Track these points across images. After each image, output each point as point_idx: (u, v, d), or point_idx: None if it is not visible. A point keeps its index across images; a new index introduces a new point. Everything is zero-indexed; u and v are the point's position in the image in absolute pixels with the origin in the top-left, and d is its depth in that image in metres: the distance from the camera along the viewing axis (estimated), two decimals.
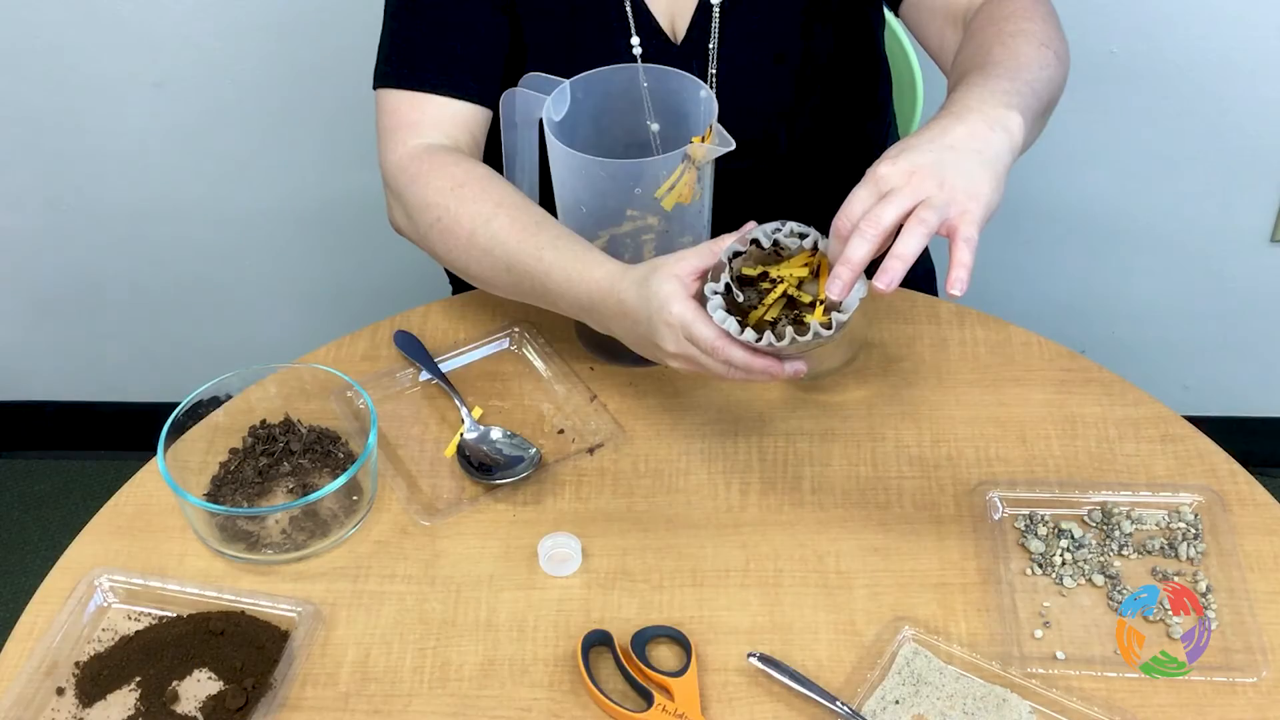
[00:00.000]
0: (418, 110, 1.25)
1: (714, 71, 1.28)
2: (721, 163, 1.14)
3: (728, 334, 1.00)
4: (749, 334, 0.99)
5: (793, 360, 1.03)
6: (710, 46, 1.28)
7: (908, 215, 0.96)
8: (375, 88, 1.27)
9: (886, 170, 0.98)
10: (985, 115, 1.02)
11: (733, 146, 1.09)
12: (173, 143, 1.94)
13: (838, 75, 1.34)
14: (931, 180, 0.97)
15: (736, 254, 1.04)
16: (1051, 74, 1.12)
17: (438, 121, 1.25)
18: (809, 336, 0.98)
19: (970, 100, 1.04)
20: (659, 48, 1.28)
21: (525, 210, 1.17)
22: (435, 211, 1.19)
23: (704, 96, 1.16)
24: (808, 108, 1.33)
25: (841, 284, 0.96)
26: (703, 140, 1.12)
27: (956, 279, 0.95)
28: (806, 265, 1.04)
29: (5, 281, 2.11)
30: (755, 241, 1.04)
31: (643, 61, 1.26)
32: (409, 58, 1.25)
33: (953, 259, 0.96)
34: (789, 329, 0.99)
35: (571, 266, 1.11)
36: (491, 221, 1.16)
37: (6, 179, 1.98)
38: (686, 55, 1.29)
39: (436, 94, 1.24)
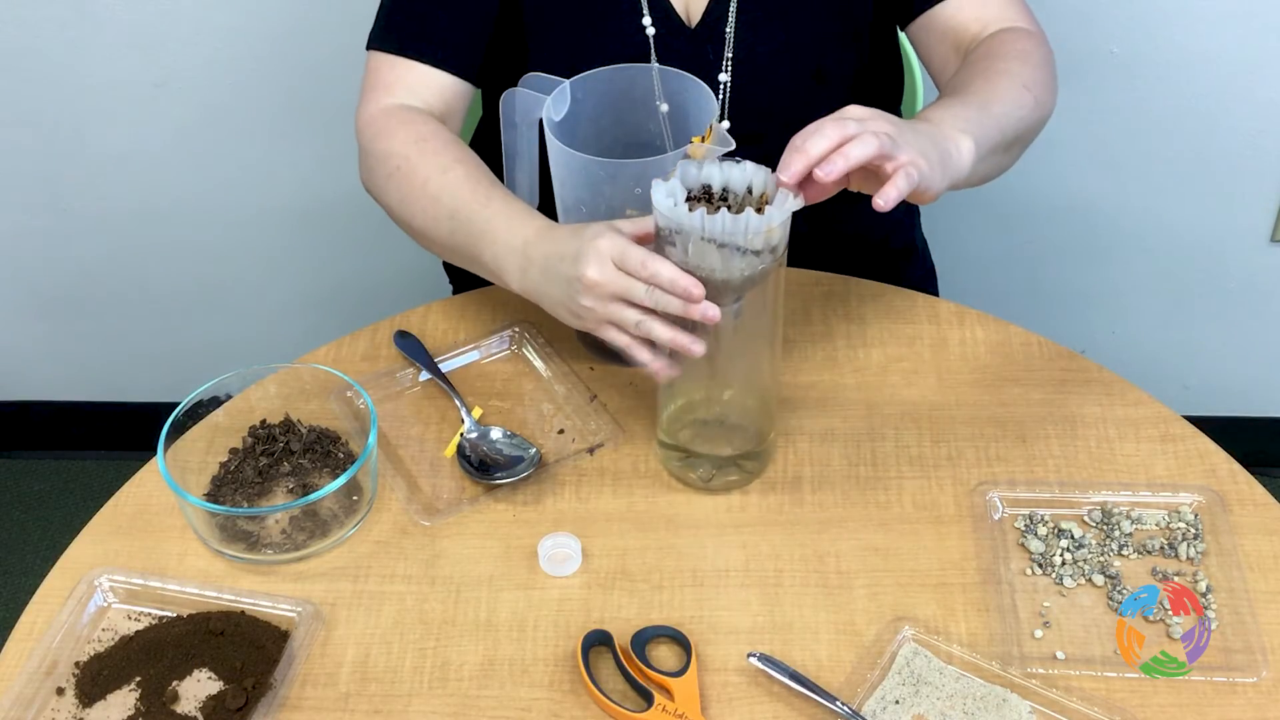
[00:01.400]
0: (395, 73, 1.28)
1: (729, 56, 1.28)
2: (735, 154, 1.13)
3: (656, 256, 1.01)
4: (695, 214, 0.98)
5: (712, 303, 1.01)
6: (727, 31, 1.27)
7: (869, 145, 0.98)
8: (366, 49, 1.30)
9: (852, 108, 1.02)
10: (941, 129, 1.06)
11: (732, 146, 1.09)
12: (173, 143, 1.94)
13: (862, 81, 1.34)
14: (891, 126, 1.00)
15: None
16: (1024, 115, 1.16)
17: (413, 86, 1.28)
18: (743, 226, 0.98)
19: (932, 115, 1.09)
20: (672, 30, 1.28)
21: (481, 169, 1.21)
22: (396, 160, 1.22)
23: (706, 95, 1.16)
24: (827, 104, 1.33)
25: (791, 172, 0.98)
26: (703, 140, 1.12)
27: (887, 197, 0.97)
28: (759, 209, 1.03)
29: (5, 282, 2.11)
30: (706, 193, 1.04)
31: (655, 43, 1.26)
32: (396, 24, 1.28)
33: (890, 181, 0.98)
34: (723, 208, 0.99)
35: (515, 212, 1.14)
36: (448, 173, 1.19)
37: (7, 179, 1.98)
38: (700, 39, 1.28)
39: (417, 61, 1.27)
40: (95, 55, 1.85)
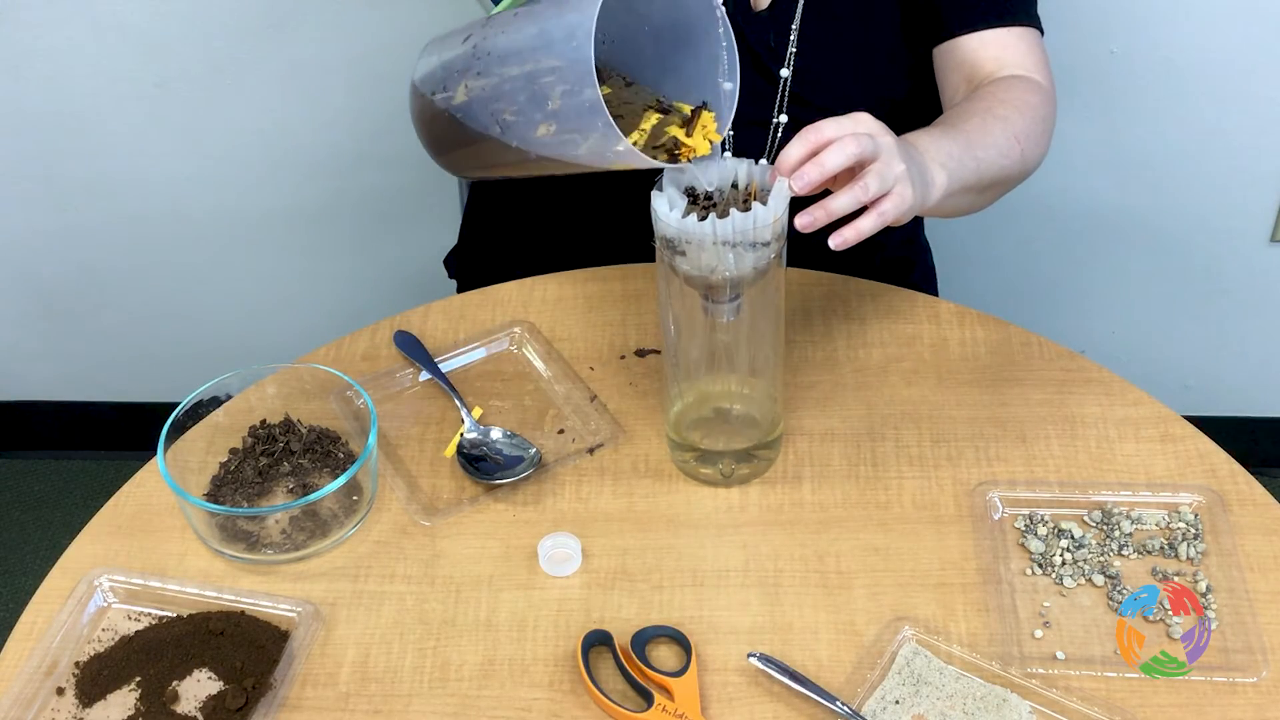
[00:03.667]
0: None
1: (794, 50, 1.27)
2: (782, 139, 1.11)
3: None
4: (707, 222, 0.98)
5: None
6: (793, 27, 1.27)
7: (848, 148, 0.97)
8: None
9: (863, 116, 1.01)
10: (925, 158, 1.06)
11: (720, 156, 1.06)
12: (173, 143, 1.94)
13: (914, 104, 1.34)
14: (878, 129, 1.00)
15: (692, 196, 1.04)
16: (1007, 165, 1.16)
17: None
18: (754, 221, 0.98)
19: (918, 141, 1.08)
20: (738, 6, 1.27)
21: None
22: None
23: (724, 96, 1.08)
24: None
25: (789, 163, 0.98)
26: (690, 119, 1.06)
27: (844, 237, 0.98)
28: (746, 201, 1.03)
29: (5, 281, 2.11)
30: (691, 195, 1.04)
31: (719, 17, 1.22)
32: None
33: (856, 220, 0.98)
34: (712, 214, 0.99)
35: None
36: None
37: (7, 179, 1.98)
38: (765, 24, 1.28)
39: None
40: (95, 55, 1.85)
